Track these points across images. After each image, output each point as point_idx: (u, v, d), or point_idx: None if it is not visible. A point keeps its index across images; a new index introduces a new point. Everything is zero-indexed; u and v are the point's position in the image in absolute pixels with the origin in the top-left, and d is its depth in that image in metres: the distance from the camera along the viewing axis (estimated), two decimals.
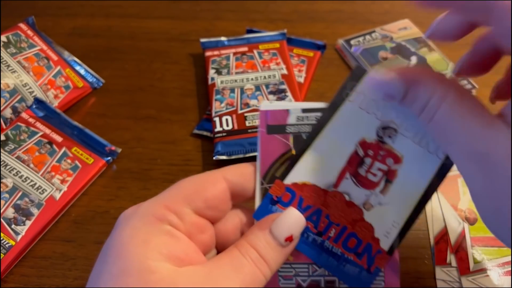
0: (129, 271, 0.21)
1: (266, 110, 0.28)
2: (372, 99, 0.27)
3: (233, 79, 0.52)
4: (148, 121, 0.52)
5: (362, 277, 0.26)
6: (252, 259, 0.23)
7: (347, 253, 0.26)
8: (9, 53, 0.51)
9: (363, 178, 0.27)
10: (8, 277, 0.39)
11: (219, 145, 0.47)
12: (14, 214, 0.41)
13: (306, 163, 0.27)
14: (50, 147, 0.46)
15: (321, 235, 0.27)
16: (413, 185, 0.26)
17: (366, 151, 0.27)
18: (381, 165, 0.27)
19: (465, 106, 0.22)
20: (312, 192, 0.27)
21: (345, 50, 0.58)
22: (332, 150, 0.27)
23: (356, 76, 0.27)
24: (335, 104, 0.27)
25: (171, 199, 0.25)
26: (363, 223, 0.26)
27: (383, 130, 0.27)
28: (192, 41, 0.60)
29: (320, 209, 0.27)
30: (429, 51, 0.55)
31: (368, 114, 0.27)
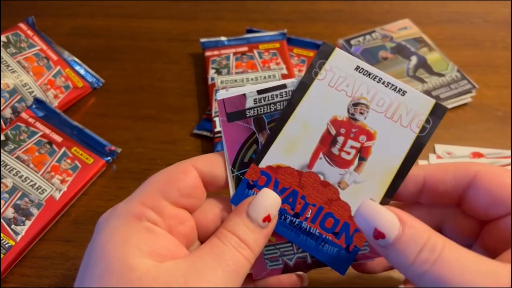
0: (111, 271, 0.21)
1: (223, 99, 0.28)
2: (341, 75, 0.27)
3: (233, 79, 0.52)
4: (148, 121, 0.52)
5: (341, 256, 0.26)
6: (233, 245, 0.24)
7: (325, 233, 0.27)
8: (9, 53, 0.51)
9: (337, 157, 0.27)
10: (8, 277, 0.39)
11: (219, 145, 0.47)
12: (14, 214, 0.41)
13: (280, 145, 0.27)
14: (50, 147, 0.46)
15: (298, 217, 0.27)
16: (388, 161, 0.26)
17: (338, 129, 0.27)
18: (354, 143, 0.27)
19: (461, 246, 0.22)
20: (287, 174, 0.27)
21: (345, 50, 0.58)
22: (304, 130, 0.27)
23: (324, 53, 0.27)
24: (305, 84, 0.27)
25: (146, 194, 0.25)
26: (339, 203, 0.26)
27: (354, 106, 0.27)
28: (192, 41, 0.60)
29: (296, 191, 0.27)
30: (429, 51, 0.55)
31: (338, 91, 0.27)
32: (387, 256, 0.23)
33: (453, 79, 0.52)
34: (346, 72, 0.27)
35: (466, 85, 0.51)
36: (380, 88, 0.26)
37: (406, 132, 0.26)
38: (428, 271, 0.21)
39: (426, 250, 0.21)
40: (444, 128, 0.49)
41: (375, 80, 0.27)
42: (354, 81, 0.27)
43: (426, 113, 0.26)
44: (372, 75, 0.27)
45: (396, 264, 0.22)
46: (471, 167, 0.25)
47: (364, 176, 0.26)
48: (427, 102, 0.26)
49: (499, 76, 0.55)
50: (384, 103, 0.26)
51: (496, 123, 0.50)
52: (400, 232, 0.22)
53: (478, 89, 0.52)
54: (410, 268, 0.21)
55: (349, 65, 0.27)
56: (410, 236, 0.22)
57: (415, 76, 0.53)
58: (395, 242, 0.22)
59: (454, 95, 0.51)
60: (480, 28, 0.61)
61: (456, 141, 0.48)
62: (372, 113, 0.26)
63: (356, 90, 0.27)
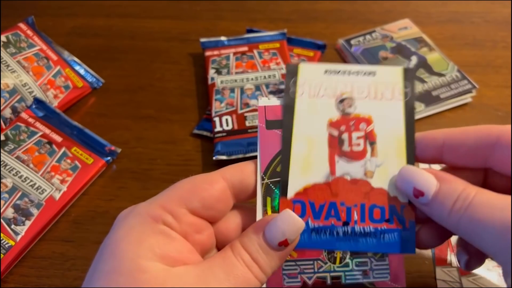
0: (121, 270, 0.21)
1: (265, 106, 0.28)
2: (316, 84, 0.28)
3: (233, 79, 0.52)
4: (148, 121, 0.52)
5: (404, 237, 0.27)
6: (245, 262, 0.23)
7: (378, 225, 0.27)
8: (8, 53, 0.51)
9: (350, 153, 0.28)
10: (8, 277, 0.39)
11: (219, 145, 0.47)
12: (13, 214, 0.41)
13: (296, 169, 0.27)
14: (50, 147, 0.46)
15: (348, 224, 0.27)
16: (394, 133, 0.28)
17: (338, 129, 0.28)
18: (358, 133, 0.28)
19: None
20: (317, 191, 0.27)
21: (345, 50, 0.58)
22: (310, 145, 0.28)
23: (291, 73, 0.29)
24: (289, 106, 0.28)
25: (167, 199, 0.25)
26: (375, 191, 0.27)
27: (340, 104, 0.28)
28: (192, 41, 0.60)
29: (333, 202, 0.27)
30: (429, 51, 0.55)
31: (320, 98, 0.28)
32: (429, 213, 0.24)
33: (453, 79, 0.52)
34: (319, 79, 0.29)
35: (466, 85, 0.51)
36: (353, 79, 0.29)
37: (393, 103, 0.28)
38: (462, 217, 0.22)
39: (460, 199, 0.23)
40: (444, 128, 0.49)
41: (346, 74, 0.29)
42: (330, 83, 0.29)
43: (401, 81, 0.28)
44: (341, 72, 0.29)
45: (437, 218, 0.24)
46: (492, 129, 0.25)
47: (382, 157, 0.27)
48: (396, 71, 0.29)
49: (500, 76, 0.55)
50: (363, 89, 0.28)
51: (496, 123, 0.49)
52: (438, 189, 0.24)
53: (478, 89, 0.52)
54: (448, 218, 0.23)
55: (318, 73, 0.29)
56: (446, 190, 0.23)
57: (415, 76, 0.53)
58: (434, 198, 0.24)
59: (454, 95, 0.51)
60: (480, 28, 0.61)
61: None
62: (359, 102, 0.28)
63: (335, 89, 0.28)
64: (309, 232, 0.27)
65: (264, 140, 0.28)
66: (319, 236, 0.27)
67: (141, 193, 0.45)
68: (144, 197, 0.26)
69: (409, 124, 0.28)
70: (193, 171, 0.47)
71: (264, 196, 0.27)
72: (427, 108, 0.50)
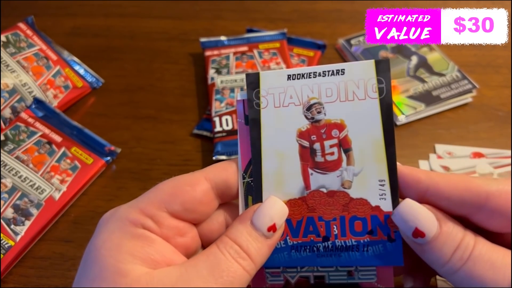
0: (103, 276, 0.21)
1: (243, 100, 0.27)
2: (280, 92, 0.26)
3: (233, 79, 0.52)
4: (148, 121, 0.52)
5: (390, 249, 0.25)
6: (231, 254, 0.23)
7: (360, 238, 0.26)
8: (8, 53, 0.51)
9: (324, 163, 0.26)
10: (8, 277, 0.39)
11: (219, 145, 0.47)
12: (13, 214, 0.41)
13: (268, 185, 0.26)
14: (50, 147, 0.46)
15: (328, 239, 0.26)
16: (371, 136, 0.25)
17: (308, 139, 0.26)
18: (331, 141, 0.26)
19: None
20: (292, 207, 0.26)
21: (345, 49, 0.58)
22: (281, 159, 0.26)
23: (253, 83, 0.27)
24: (254, 119, 0.26)
25: (147, 203, 0.24)
26: (355, 202, 0.26)
27: (308, 111, 0.26)
28: (192, 41, 0.60)
29: (310, 217, 0.26)
30: (430, 51, 0.55)
31: (286, 107, 0.26)
32: (422, 253, 0.23)
33: (453, 79, 0.52)
34: (282, 86, 0.26)
35: (466, 85, 0.51)
36: (320, 80, 0.26)
37: (367, 103, 0.25)
38: (461, 269, 0.22)
39: (460, 249, 0.22)
40: (444, 128, 0.49)
41: (311, 76, 0.26)
42: (294, 89, 0.26)
43: (374, 76, 0.26)
44: (306, 74, 0.26)
45: (431, 261, 0.23)
46: (482, 188, 0.23)
47: (359, 164, 0.25)
48: (367, 65, 0.26)
49: (500, 76, 0.55)
50: (332, 91, 0.26)
51: (496, 123, 0.50)
52: (438, 231, 0.23)
53: (479, 89, 0.51)
54: (445, 266, 0.22)
55: (280, 79, 0.26)
56: (447, 235, 0.22)
57: (415, 76, 0.53)
58: (433, 241, 0.23)
59: (455, 95, 0.51)
60: None
61: (456, 141, 0.48)
62: (328, 106, 0.26)
63: (301, 95, 0.26)
64: (288, 250, 0.26)
65: (243, 137, 0.27)
66: (299, 253, 0.26)
67: (141, 193, 0.45)
68: None
69: (387, 124, 0.25)
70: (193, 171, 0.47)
71: (246, 195, 0.26)
72: (427, 108, 0.50)
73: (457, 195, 0.24)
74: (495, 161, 0.45)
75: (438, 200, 0.24)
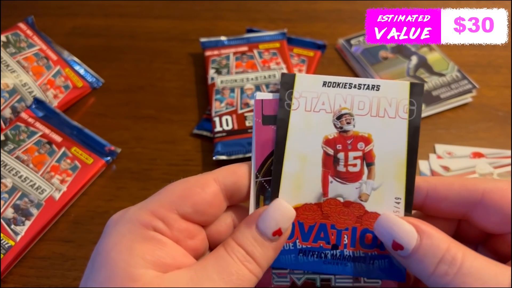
0: (113, 280, 0.21)
1: (261, 100, 0.27)
2: (313, 97, 0.27)
3: (233, 79, 0.52)
4: (148, 121, 0.52)
5: (395, 264, 0.26)
6: (239, 258, 0.23)
7: (369, 250, 0.26)
8: (8, 53, 0.51)
9: (345, 173, 0.26)
10: (8, 277, 0.39)
11: (219, 145, 0.47)
12: (13, 214, 0.41)
13: (286, 187, 0.26)
14: (50, 147, 0.46)
15: (337, 247, 0.26)
16: (394, 155, 0.26)
17: (334, 147, 0.26)
18: (355, 153, 0.26)
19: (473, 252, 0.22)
20: (307, 211, 0.26)
21: (345, 49, 0.58)
22: (303, 163, 0.26)
23: (287, 84, 0.27)
24: (283, 120, 0.27)
25: (158, 204, 0.24)
26: (369, 215, 0.26)
27: (338, 120, 0.26)
28: (192, 41, 0.60)
29: (323, 224, 0.26)
30: (430, 51, 0.55)
31: (317, 112, 0.26)
32: (407, 266, 0.23)
33: (453, 79, 0.52)
34: (316, 92, 0.27)
35: (466, 85, 0.51)
36: (354, 92, 0.26)
37: (397, 122, 0.26)
38: (449, 284, 0.21)
39: (445, 262, 0.21)
40: (444, 128, 0.49)
41: (346, 87, 0.27)
42: (328, 97, 0.26)
43: (407, 97, 0.26)
44: (342, 84, 0.27)
45: (417, 273, 0.23)
46: (478, 185, 0.24)
47: (379, 180, 0.26)
48: (402, 86, 0.26)
49: (500, 76, 0.55)
50: (364, 104, 0.26)
51: (496, 123, 0.50)
52: (418, 243, 0.22)
53: (479, 89, 0.52)
54: (430, 278, 0.22)
55: (315, 84, 0.27)
56: (428, 247, 0.22)
57: (415, 76, 0.53)
58: (414, 253, 0.22)
59: (455, 95, 0.51)
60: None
61: (456, 141, 0.48)
62: (358, 119, 0.26)
63: (333, 104, 0.26)
64: (296, 253, 0.26)
65: (259, 136, 0.27)
66: (306, 258, 0.26)
67: (141, 193, 0.45)
68: (144, 197, 0.26)
69: (412, 146, 0.26)
70: (193, 171, 0.47)
71: (257, 195, 0.26)
72: (427, 108, 0.50)
73: (454, 194, 0.24)
74: (495, 161, 0.45)
75: (437, 202, 0.25)
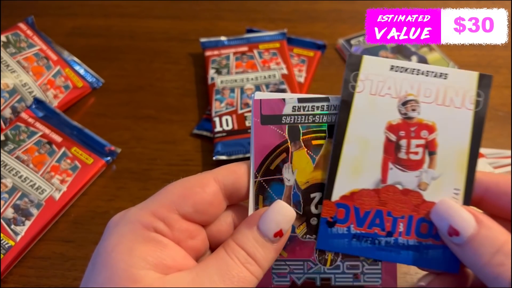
0: (114, 280, 0.21)
1: (260, 99, 0.27)
2: (379, 80, 0.26)
3: (233, 79, 0.52)
4: (148, 121, 0.52)
5: (448, 255, 0.25)
6: (240, 260, 0.23)
7: (423, 239, 0.26)
8: (8, 53, 0.51)
9: (406, 160, 0.26)
10: (8, 277, 0.39)
11: (219, 145, 0.47)
12: (13, 214, 0.41)
13: (344, 170, 0.26)
14: (50, 147, 0.46)
15: (392, 235, 0.26)
16: (457, 145, 0.25)
17: (397, 133, 0.26)
18: (418, 141, 0.26)
19: None
20: (364, 197, 0.26)
21: (345, 50, 0.58)
22: (364, 147, 0.26)
23: (353, 65, 0.27)
24: (346, 101, 0.26)
25: (158, 205, 0.24)
26: (427, 205, 0.25)
27: (403, 106, 0.26)
28: (192, 41, 0.60)
29: (379, 210, 0.26)
30: (430, 51, 0.55)
31: (382, 97, 0.26)
32: (460, 254, 0.23)
33: None
34: (383, 75, 0.26)
35: None
36: (421, 79, 0.26)
37: (462, 112, 0.26)
38: (503, 273, 0.21)
39: (502, 254, 0.21)
40: None
41: (414, 73, 0.26)
42: (394, 81, 0.26)
43: (474, 88, 0.26)
44: (409, 69, 0.26)
45: (468, 263, 0.23)
46: None
47: (440, 169, 0.26)
48: (471, 76, 0.26)
49: (500, 76, 0.55)
50: (431, 92, 0.26)
51: (496, 123, 0.50)
52: (476, 231, 0.22)
53: None
54: (483, 268, 0.22)
55: (383, 68, 0.26)
56: (485, 237, 0.22)
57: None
58: (470, 241, 0.22)
59: None
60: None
61: None
62: (424, 106, 0.26)
63: (400, 89, 0.26)
64: (349, 238, 0.26)
65: (258, 136, 0.27)
66: (359, 243, 0.26)
67: (141, 193, 0.45)
68: (144, 197, 0.26)
69: (475, 138, 0.25)
70: (193, 171, 0.47)
71: (256, 195, 0.26)
72: None
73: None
74: (495, 161, 0.45)
75: (497, 198, 0.25)
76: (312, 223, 0.26)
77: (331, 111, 0.27)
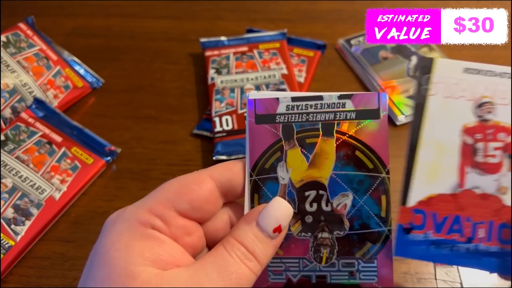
0: (113, 278, 0.21)
1: (254, 99, 0.27)
2: (453, 83, 0.26)
3: (233, 79, 0.52)
4: (148, 121, 0.52)
5: None
6: (239, 256, 0.23)
7: (506, 246, 0.25)
8: (8, 53, 0.51)
9: (484, 164, 0.25)
10: (8, 277, 0.39)
11: (219, 145, 0.47)
12: (13, 214, 0.41)
13: (420, 175, 0.26)
14: (50, 147, 0.46)
15: (471, 241, 0.25)
16: None
17: (473, 136, 0.25)
18: (496, 144, 0.25)
19: None
20: (442, 202, 0.25)
21: (345, 50, 0.58)
22: (439, 151, 0.25)
23: (425, 68, 0.26)
24: (420, 105, 0.26)
25: (155, 202, 0.24)
26: (507, 209, 0.25)
27: (479, 108, 0.25)
28: (192, 41, 0.60)
29: (457, 216, 0.25)
30: (429, 51, 0.55)
31: (456, 99, 0.26)
32: None
33: None
34: (456, 78, 0.26)
35: None
36: (496, 80, 0.26)
37: None
38: None
39: None
40: None
41: (488, 74, 0.26)
42: (468, 84, 0.26)
43: None
44: (483, 71, 0.26)
45: None
46: None
47: None
48: None
49: None
50: (506, 94, 0.25)
51: None
52: None
53: None
54: None
55: (456, 70, 0.26)
56: None
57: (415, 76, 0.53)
58: None
59: None
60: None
61: None
62: (500, 108, 0.25)
63: (474, 91, 0.25)
64: (427, 244, 0.26)
65: (253, 136, 0.27)
66: (438, 250, 0.25)
67: (140, 193, 0.44)
68: None
69: None
70: (193, 171, 0.47)
71: (252, 193, 0.27)
72: None
73: None
74: None
75: None
76: (307, 221, 0.26)
77: (324, 109, 0.26)
